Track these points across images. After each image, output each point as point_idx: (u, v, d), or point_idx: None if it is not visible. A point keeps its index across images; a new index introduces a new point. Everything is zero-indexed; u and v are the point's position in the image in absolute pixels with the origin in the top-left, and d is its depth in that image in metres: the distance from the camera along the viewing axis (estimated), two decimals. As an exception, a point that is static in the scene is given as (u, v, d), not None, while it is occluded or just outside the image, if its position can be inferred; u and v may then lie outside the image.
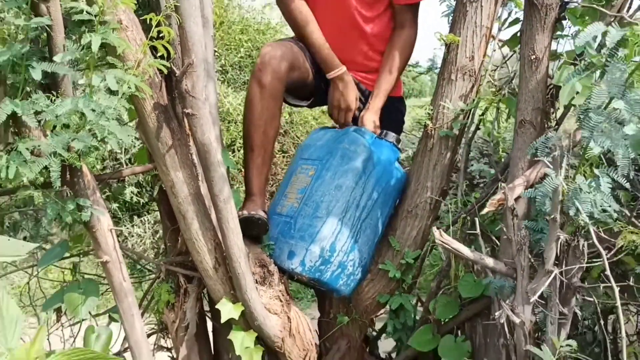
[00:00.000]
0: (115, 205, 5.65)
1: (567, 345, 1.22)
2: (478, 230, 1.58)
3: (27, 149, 1.44)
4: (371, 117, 2.19)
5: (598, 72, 1.26)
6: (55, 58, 1.34)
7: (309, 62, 2.19)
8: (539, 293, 1.29)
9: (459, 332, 2.03)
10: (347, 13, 2.17)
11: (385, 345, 2.53)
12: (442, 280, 2.07)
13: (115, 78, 1.28)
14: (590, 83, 1.25)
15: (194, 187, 1.78)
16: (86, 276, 2.05)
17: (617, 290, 1.20)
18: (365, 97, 2.28)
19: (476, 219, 1.65)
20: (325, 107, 2.37)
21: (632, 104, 1.01)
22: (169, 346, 2.36)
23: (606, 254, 1.23)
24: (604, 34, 1.06)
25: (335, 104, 2.21)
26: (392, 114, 2.24)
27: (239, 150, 6.12)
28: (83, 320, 2.10)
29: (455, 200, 2.05)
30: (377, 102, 2.19)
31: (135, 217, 5.82)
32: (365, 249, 2.09)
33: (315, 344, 2.15)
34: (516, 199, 1.61)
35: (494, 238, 1.93)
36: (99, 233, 1.75)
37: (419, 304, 2.27)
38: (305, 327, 2.12)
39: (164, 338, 2.33)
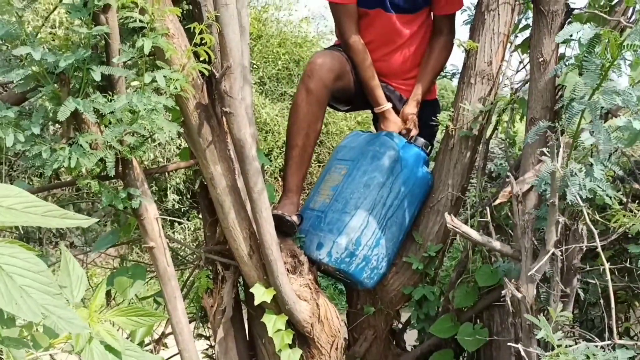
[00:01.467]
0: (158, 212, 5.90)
1: (562, 316, 1.35)
2: (489, 218, 1.71)
3: (86, 142, 1.65)
4: (410, 110, 2.36)
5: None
6: (113, 60, 1.54)
7: (352, 72, 2.37)
8: (537, 270, 1.41)
9: (477, 320, 2.15)
10: (389, 30, 2.36)
11: (410, 338, 2.65)
12: (462, 271, 2.20)
13: (165, 77, 1.47)
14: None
15: (231, 179, 1.97)
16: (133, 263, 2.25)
17: (608, 269, 1.32)
18: (402, 103, 2.45)
19: (489, 211, 1.78)
20: (360, 118, 2.57)
21: (608, 94, 1.14)
22: (207, 334, 2.54)
23: (601, 235, 1.35)
24: (579, 33, 1.19)
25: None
26: (427, 118, 2.39)
27: (276, 159, 6.33)
28: (131, 303, 2.30)
29: (474, 194, 2.17)
30: (417, 94, 2.37)
31: (176, 224, 6.07)
32: (390, 245, 2.22)
33: (343, 333, 2.30)
34: (527, 192, 1.74)
35: (509, 231, 2.05)
36: (147, 221, 1.94)
37: (441, 295, 2.39)
38: (333, 315, 2.27)
39: (202, 326, 2.52)
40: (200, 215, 5.75)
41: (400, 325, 2.60)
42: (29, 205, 1.04)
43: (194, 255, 2.50)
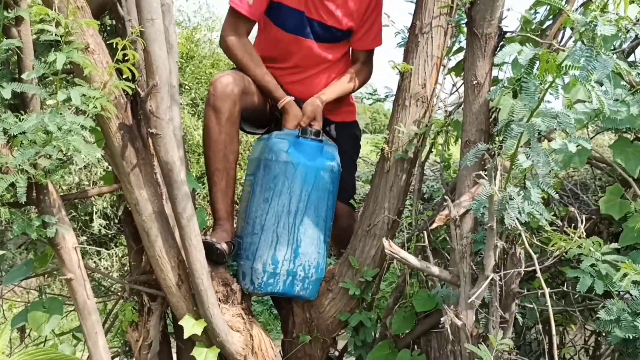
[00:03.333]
0: (83, 238, 5.64)
1: (504, 344, 1.31)
2: (426, 242, 1.67)
3: (-6, 165, 1.51)
4: (312, 103, 2.25)
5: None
6: (23, 76, 1.42)
7: (259, 91, 2.29)
8: (476, 296, 1.38)
9: (415, 346, 2.11)
10: (310, 54, 2.32)
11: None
12: (399, 296, 2.15)
13: (80, 95, 1.36)
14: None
15: (158, 205, 1.85)
16: (50, 295, 2.08)
17: (547, 293, 1.30)
18: (326, 124, 2.40)
19: (425, 234, 1.75)
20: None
21: (547, 116, 1.13)
22: (132, 369, 2.39)
23: (539, 259, 1.33)
24: (520, 52, 1.19)
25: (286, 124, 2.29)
26: (349, 138, 2.35)
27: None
28: (47, 340, 2.13)
29: (409, 217, 2.14)
30: (322, 93, 2.29)
31: (103, 251, 5.80)
32: (313, 249, 2.13)
33: (279, 364, 2.21)
34: (463, 214, 1.72)
35: (445, 255, 2.03)
36: (64, 251, 1.80)
37: (378, 321, 2.34)
38: (268, 346, 2.17)
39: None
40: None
41: (337, 353, 2.53)
42: None
43: (119, 286, 2.35)
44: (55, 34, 1.35)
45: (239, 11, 2.17)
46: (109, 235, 5.90)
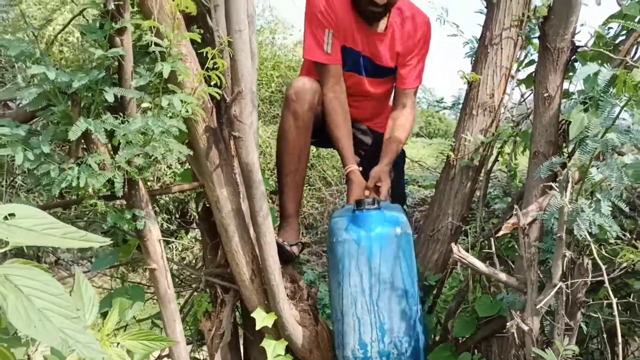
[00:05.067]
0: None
1: (569, 349, 1.36)
2: (494, 249, 1.72)
3: (95, 162, 1.65)
4: (379, 169, 2.26)
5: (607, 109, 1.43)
6: (132, 83, 1.55)
7: None
8: (543, 303, 1.43)
9: (476, 350, 2.16)
10: (360, 86, 2.42)
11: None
12: (461, 300, 2.21)
13: (181, 101, 1.48)
14: (596, 117, 1.41)
15: (236, 203, 1.97)
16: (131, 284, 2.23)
17: (615, 303, 1.34)
18: (367, 136, 2.53)
19: (492, 241, 1.80)
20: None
21: (622, 133, 1.17)
22: (202, 358, 2.52)
23: (606, 270, 1.37)
24: (597, 73, 1.23)
25: (347, 193, 2.33)
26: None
27: (267, 181, 6.33)
28: (127, 325, 2.28)
29: (474, 225, 2.19)
30: (386, 159, 2.30)
31: (173, 240, 6.04)
32: (401, 323, 1.96)
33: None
34: (530, 224, 1.76)
35: (510, 262, 2.07)
36: (150, 242, 1.93)
37: (439, 324, 2.40)
38: (331, 342, 2.26)
39: (198, 350, 2.50)
40: (188, 235, 5.73)
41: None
42: (48, 226, 1.04)
43: (192, 278, 2.49)
44: (159, 45, 1.48)
45: (324, 63, 2.27)
46: (170, 230, 6.14)
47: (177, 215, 6.25)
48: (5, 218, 1.01)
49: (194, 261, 5.27)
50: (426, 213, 2.46)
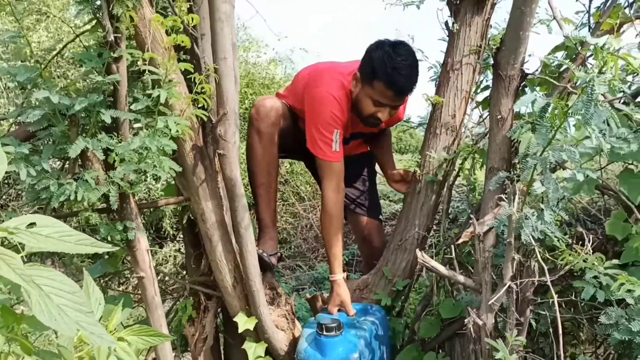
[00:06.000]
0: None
1: (518, 341, 1.55)
2: (454, 255, 1.92)
3: (91, 178, 1.80)
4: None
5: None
6: (131, 107, 1.71)
7: (290, 118, 2.55)
8: (495, 300, 1.62)
9: (440, 350, 2.34)
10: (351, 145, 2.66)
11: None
12: (427, 304, 2.40)
13: (174, 122, 1.65)
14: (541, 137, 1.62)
15: (220, 215, 2.13)
16: (113, 292, 2.37)
17: (556, 301, 1.54)
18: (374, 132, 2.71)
19: (453, 248, 1.99)
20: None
21: (556, 151, 1.38)
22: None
23: (551, 271, 1.57)
24: (533, 102, 1.44)
25: (330, 301, 2.40)
26: (370, 163, 2.67)
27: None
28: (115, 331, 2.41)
29: (438, 235, 2.38)
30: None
31: (159, 250, 6.13)
32: None
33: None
34: (486, 232, 1.96)
35: (469, 267, 2.27)
36: (138, 252, 2.08)
37: (407, 327, 2.58)
38: (307, 345, 2.43)
39: (181, 357, 2.63)
40: (162, 250, 5.81)
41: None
42: (64, 234, 1.21)
43: (175, 286, 2.63)
44: (156, 73, 1.65)
45: (332, 162, 2.33)
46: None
47: (152, 230, 6.37)
48: (28, 226, 1.18)
49: (172, 272, 5.36)
50: (395, 225, 2.65)
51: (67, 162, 1.92)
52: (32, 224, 1.19)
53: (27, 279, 1.08)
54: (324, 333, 2.10)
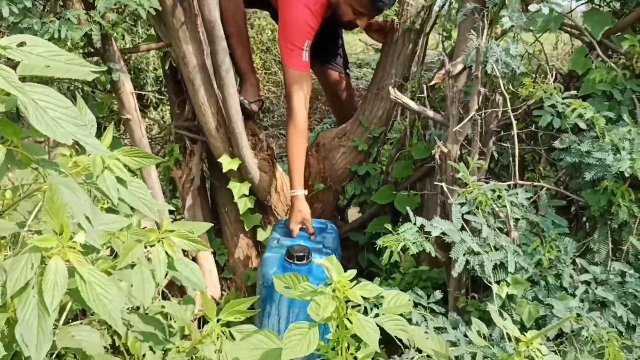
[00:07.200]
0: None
1: (477, 163, 1.70)
2: (425, 94, 2.02)
3: (73, 16, 1.84)
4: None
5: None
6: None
7: None
8: (460, 127, 1.75)
9: (411, 189, 2.51)
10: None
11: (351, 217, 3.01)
12: (400, 147, 2.54)
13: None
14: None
15: (201, 59, 2.19)
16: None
17: (516, 131, 1.67)
18: None
19: (425, 88, 2.09)
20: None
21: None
22: (173, 209, 2.82)
23: (514, 103, 1.68)
24: None
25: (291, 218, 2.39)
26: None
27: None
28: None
29: (413, 83, 2.47)
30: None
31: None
32: None
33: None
34: (459, 73, 2.04)
35: (441, 112, 2.38)
36: (124, 94, 2.17)
37: (382, 173, 2.74)
38: (288, 187, 2.59)
39: (170, 202, 2.79)
40: (146, 118, 5.89)
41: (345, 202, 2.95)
42: (54, 54, 1.27)
43: (161, 134, 2.74)
44: None
45: (292, 68, 2.31)
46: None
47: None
48: (19, 46, 1.24)
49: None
50: (372, 75, 2.72)
51: (49, 1, 1.94)
52: (22, 43, 1.26)
53: (22, 91, 1.16)
54: (295, 262, 2.09)
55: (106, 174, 1.41)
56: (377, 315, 1.28)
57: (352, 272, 1.21)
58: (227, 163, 2.31)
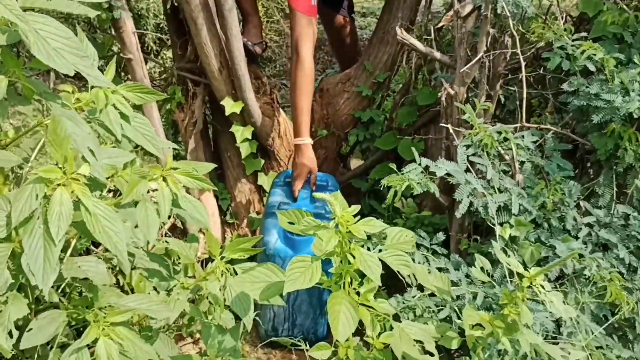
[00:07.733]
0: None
1: (484, 105, 1.68)
2: (432, 36, 1.98)
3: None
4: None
5: None
6: None
7: None
8: (468, 68, 1.72)
9: (415, 135, 2.50)
10: None
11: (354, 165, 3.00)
12: (405, 93, 2.51)
13: None
14: None
15: (204, -2, 2.14)
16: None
17: (525, 75, 1.64)
18: None
19: (432, 30, 2.05)
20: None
21: None
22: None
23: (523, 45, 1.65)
24: None
25: (294, 168, 2.36)
26: None
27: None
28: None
29: (420, 26, 2.43)
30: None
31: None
32: (308, 320, 2.22)
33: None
34: (467, 16, 2.00)
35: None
36: (125, 34, 2.13)
37: (385, 119, 2.72)
38: (291, 133, 2.57)
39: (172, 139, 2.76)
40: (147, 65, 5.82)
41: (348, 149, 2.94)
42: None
43: (163, 76, 2.71)
44: None
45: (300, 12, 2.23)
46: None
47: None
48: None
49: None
50: (378, 20, 2.67)
51: None
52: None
53: (24, 19, 1.13)
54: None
55: (109, 109, 1.40)
56: (380, 252, 1.29)
57: (356, 207, 1.21)
58: (230, 106, 2.29)
